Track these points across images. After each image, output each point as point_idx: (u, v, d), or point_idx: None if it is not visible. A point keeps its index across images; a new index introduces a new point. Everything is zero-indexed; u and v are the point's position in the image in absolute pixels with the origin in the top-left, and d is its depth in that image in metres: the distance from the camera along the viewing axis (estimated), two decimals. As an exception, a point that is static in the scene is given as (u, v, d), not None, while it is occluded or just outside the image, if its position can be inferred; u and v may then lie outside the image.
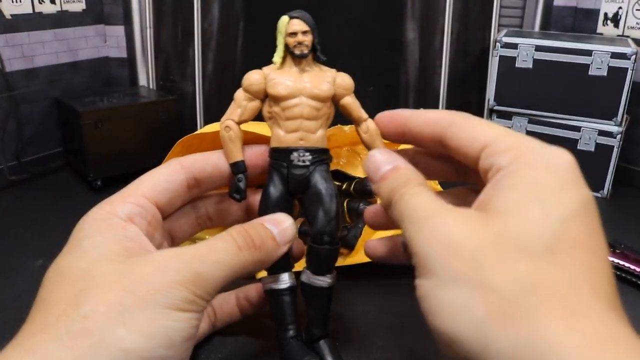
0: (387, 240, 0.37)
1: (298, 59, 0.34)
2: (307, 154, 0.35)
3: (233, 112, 0.35)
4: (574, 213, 0.24)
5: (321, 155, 0.35)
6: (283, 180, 0.35)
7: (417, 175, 0.30)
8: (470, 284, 0.23)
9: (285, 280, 0.36)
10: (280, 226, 0.33)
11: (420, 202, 0.28)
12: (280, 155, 0.35)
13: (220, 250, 0.29)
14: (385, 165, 0.31)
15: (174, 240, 0.36)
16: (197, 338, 0.38)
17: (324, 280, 0.35)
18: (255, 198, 0.36)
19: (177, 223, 0.36)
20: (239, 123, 0.35)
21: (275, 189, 0.35)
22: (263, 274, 0.41)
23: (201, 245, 0.29)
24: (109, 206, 0.31)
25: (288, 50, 0.34)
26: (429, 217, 0.26)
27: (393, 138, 0.35)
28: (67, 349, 0.24)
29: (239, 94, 0.35)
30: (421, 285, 0.25)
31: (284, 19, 0.34)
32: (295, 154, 0.35)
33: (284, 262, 0.36)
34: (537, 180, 0.25)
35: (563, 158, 0.26)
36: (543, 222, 0.24)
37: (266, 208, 0.35)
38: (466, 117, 0.31)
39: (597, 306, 0.23)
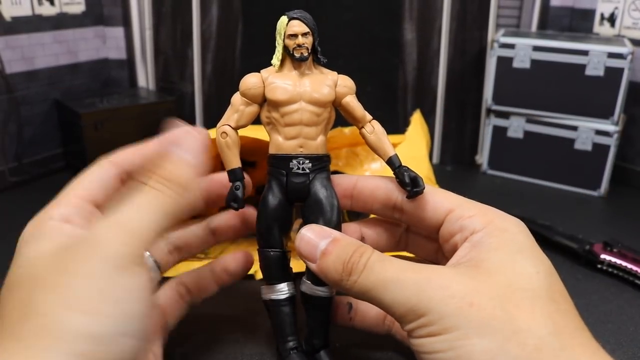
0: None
1: (297, 62, 0.33)
2: (307, 161, 0.33)
3: (230, 117, 0.34)
4: (550, 268, 0.29)
5: (322, 162, 0.34)
6: (282, 188, 0.34)
7: (360, 242, 0.31)
8: (500, 330, 0.26)
9: (284, 291, 0.35)
10: (185, 144, 0.30)
11: (395, 266, 0.29)
12: (279, 163, 0.34)
13: (144, 204, 0.28)
14: (322, 241, 0.31)
15: None
16: (176, 320, 0.38)
17: (324, 291, 0.34)
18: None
19: None
20: (236, 128, 0.34)
21: (273, 198, 0.34)
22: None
23: (121, 208, 0.28)
24: (44, 213, 0.30)
25: (287, 52, 0.33)
26: (424, 279, 0.28)
27: (342, 204, 0.36)
28: (33, 348, 0.24)
29: (236, 98, 0.34)
30: (437, 342, 0.26)
31: (283, 19, 0.33)
32: (294, 162, 0.33)
33: (283, 272, 0.35)
34: (516, 241, 0.29)
35: (522, 224, 0.31)
36: (537, 277, 0.28)
37: (264, 218, 0.34)
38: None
39: (598, 346, 0.27)
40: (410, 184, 0.33)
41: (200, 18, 0.80)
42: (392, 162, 0.34)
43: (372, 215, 0.39)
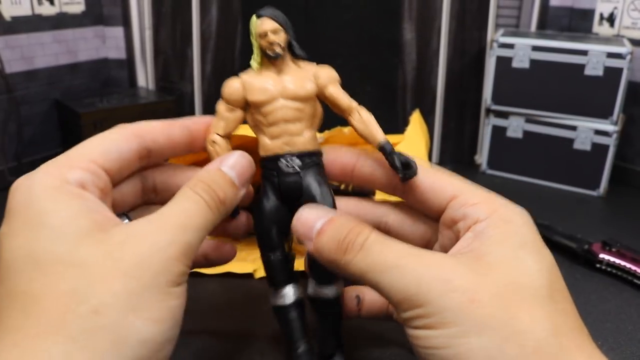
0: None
1: (273, 60, 0.32)
2: (296, 159, 0.33)
3: (217, 126, 0.34)
4: (552, 265, 0.28)
5: (312, 158, 0.33)
6: (275, 190, 0.33)
7: (360, 222, 0.30)
8: (500, 330, 0.25)
9: (289, 295, 0.34)
10: (238, 168, 0.31)
11: (395, 250, 0.28)
12: (269, 164, 0.33)
13: (196, 215, 0.28)
14: (318, 220, 0.30)
15: (114, 210, 0.31)
16: None
17: (329, 290, 0.34)
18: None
19: (121, 192, 0.32)
20: (224, 136, 0.34)
21: (268, 202, 0.34)
22: (262, 273, 0.41)
23: (174, 210, 0.28)
24: (57, 170, 0.27)
25: (262, 52, 0.32)
26: (425, 268, 0.27)
27: (338, 177, 0.35)
28: (87, 350, 0.23)
29: (220, 105, 0.34)
30: (435, 337, 0.26)
31: (252, 19, 0.32)
32: (283, 161, 0.33)
33: (286, 275, 0.34)
34: (519, 234, 0.29)
35: (527, 215, 0.30)
36: (539, 275, 0.27)
37: (261, 223, 0.34)
38: (427, 164, 0.33)
39: (594, 347, 0.26)
40: (401, 167, 0.32)
41: (200, 18, 0.80)
42: (384, 149, 0.32)
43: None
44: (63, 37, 0.75)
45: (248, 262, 0.49)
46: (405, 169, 0.32)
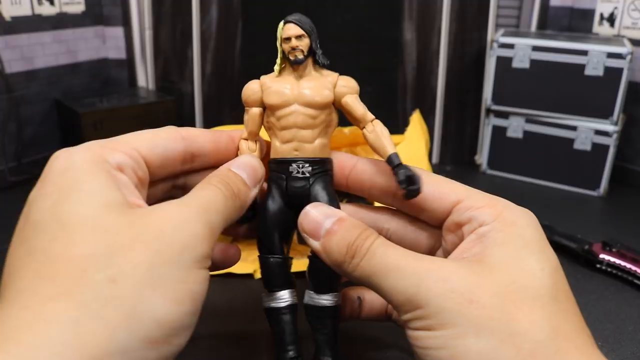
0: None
1: (295, 65, 0.33)
2: (307, 165, 0.33)
3: (243, 132, 0.34)
4: (556, 265, 0.28)
5: (323, 166, 0.33)
6: (282, 193, 0.33)
7: (365, 225, 0.30)
8: (497, 331, 0.25)
9: (284, 298, 0.34)
10: (248, 169, 0.31)
11: (398, 253, 0.28)
12: (278, 167, 0.33)
13: (216, 201, 0.28)
14: (327, 219, 0.30)
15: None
16: None
17: (327, 299, 0.33)
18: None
19: (154, 190, 0.32)
20: (247, 139, 0.34)
21: (274, 203, 0.34)
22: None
23: (194, 196, 0.28)
24: (99, 149, 0.27)
25: (284, 56, 0.33)
26: (425, 269, 0.27)
27: (336, 183, 0.35)
28: (100, 320, 0.21)
29: (244, 113, 0.34)
30: (433, 338, 0.26)
31: (280, 24, 0.33)
32: (294, 165, 0.33)
33: (283, 279, 0.34)
34: (523, 236, 0.28)
35: (532, 216, 0.30)
36: (541, 274, 0.27)
37: (264, 224, 0.34)
38: (428, 172, 0.33)
39: (595, 348, 0.26)
40: (405, 182, 0.31)
41: (200, 18, 0.80)
42: (391, 161, 0.32)
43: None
44: (63, 37, 0.75)
45: (248, 262, 0.49)
46: (410, 184, 0.31)
